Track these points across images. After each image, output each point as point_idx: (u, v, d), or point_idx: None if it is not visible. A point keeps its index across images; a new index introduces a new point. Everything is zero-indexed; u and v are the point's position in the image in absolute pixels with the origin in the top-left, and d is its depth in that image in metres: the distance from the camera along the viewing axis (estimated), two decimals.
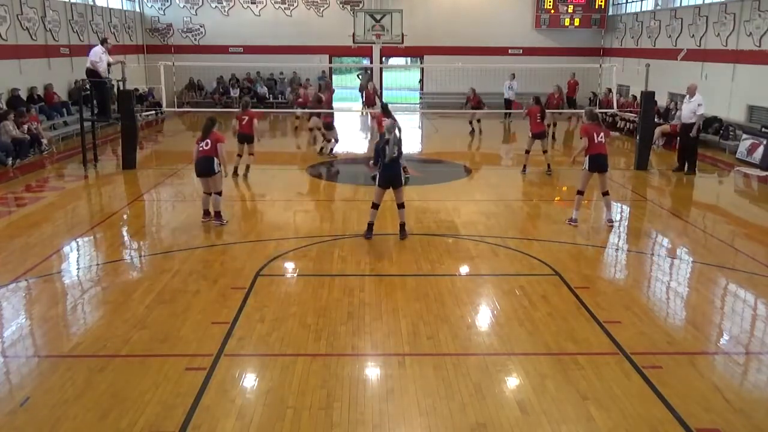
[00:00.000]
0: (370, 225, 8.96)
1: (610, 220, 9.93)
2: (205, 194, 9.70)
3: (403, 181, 9.09)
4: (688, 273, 8.25)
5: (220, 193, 9.64)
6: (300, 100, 19.90)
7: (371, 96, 21.20)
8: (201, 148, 9.42)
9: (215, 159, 9.41)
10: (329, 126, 15.49)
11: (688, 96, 13.74)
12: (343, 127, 20.35)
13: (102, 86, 14.38)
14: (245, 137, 12.92)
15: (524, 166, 13.79)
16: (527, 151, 13.85)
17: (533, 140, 13.60)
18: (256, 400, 4.99)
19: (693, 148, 13.96)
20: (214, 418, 4.70)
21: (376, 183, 8.86)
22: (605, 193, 9.89)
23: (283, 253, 8.50)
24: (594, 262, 8.53)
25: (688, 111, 13.65)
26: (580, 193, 9.86)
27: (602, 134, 9.69)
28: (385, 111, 12.78)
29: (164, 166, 14.75)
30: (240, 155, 13.06)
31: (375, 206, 8.91)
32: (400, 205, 8.97)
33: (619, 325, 6.32)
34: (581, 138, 9.83)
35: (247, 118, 12.90)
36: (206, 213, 9.77)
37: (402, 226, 9.06)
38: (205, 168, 9.45)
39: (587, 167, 9.72)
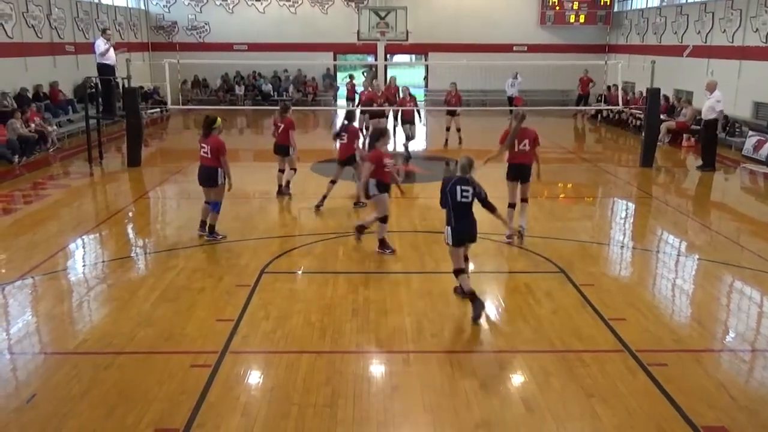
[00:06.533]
0: (472, 295, 6.39)
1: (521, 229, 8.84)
2: (205, 203, 8.80)
3: None
4: (693, 270, 8.22)
5: (217, 205, 8.68)
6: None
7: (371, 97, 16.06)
8: (202, 154, 8.55)
9: (219, 170, 8.48)
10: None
11: (708, 92, 13.70)
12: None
13: (107, 84, 14.45)
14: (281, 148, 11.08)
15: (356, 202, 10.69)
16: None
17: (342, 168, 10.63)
18: (261, 397, 5.00)
19: (712, 145, 13.90)
20: (218, 416, 4.71)
21: (450, 242, 6.51)
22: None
23: (288, 250, 8.50)
24: (599, 259, 8.51)
25: (707, 107, 13.64)
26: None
27: (525, 141, 8.42)
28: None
29: (169, 163, 14.78)
30: (281, 170, 11.33)
31: (460, 271, 6.57)
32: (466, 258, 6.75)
33: (624, 322, 6.30)
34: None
35: (282, 125, 10.89)
36: (204, 224, 8.83)
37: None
38: (205, 177, 8.60)
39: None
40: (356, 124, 10.84)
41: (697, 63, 19.35)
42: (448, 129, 16.81)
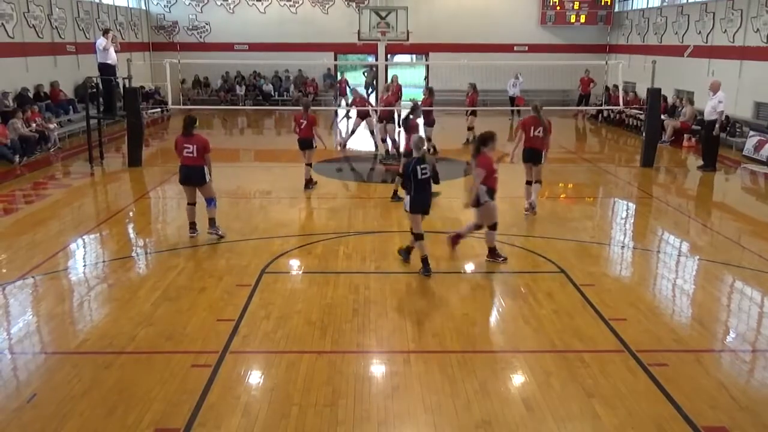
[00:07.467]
0: (425, 259, 7.56)
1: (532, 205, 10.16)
2: (190, 205, 8.80)
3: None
4: (694, 270, 8.22)
5: (213, 201, 8.72)
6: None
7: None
8: (186, 154, 8.52)
9: (205, 167, 8.52)
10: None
11: (711, 93, 13.70)
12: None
13: (108, 83, 14.46)
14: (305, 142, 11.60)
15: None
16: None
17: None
18: (262, 397, 5.00)
19: (713, 145, 13.88)
20: (219, 415, 4.71)
21: (409, 209, 7.50)
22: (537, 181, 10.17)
23: (289, 250, 8.51)
24: (599, 259, 8.51)
25: (711, 108, 13.64)
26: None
27: (540, 129, 9.80)
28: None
29: (170, 163, 14.73)
30: (309, 164, 11.83)
31: (419, 236, 7.56)
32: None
33: (624, 322, 6.30)
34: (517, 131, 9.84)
35: (305, 122, 11.47)
36: (194, 226, 8.85)
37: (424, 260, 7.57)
38: (195, 177, 8.57)
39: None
40: (419, 119, 11.63)
41: (697, 63, 19.34)
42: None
